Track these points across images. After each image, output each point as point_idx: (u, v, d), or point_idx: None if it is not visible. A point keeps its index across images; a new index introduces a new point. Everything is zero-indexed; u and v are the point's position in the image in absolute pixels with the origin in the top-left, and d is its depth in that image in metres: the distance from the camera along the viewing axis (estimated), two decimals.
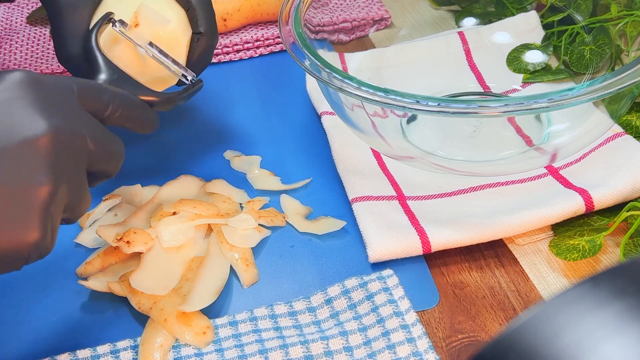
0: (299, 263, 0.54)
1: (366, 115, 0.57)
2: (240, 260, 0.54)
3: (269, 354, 0.46)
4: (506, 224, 0.53)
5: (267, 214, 0.57)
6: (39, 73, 0.44)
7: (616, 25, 0.65)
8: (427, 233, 0.53)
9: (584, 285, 0.23)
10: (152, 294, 0.50)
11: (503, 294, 0.51)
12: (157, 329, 0.49)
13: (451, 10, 0.81)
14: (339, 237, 0.56)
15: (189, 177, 0.61)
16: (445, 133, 0.63)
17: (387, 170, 0.61)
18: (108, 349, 0.48)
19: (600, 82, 0.46)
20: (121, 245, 0.53)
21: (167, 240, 0.53)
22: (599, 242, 0.51)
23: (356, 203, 0.56)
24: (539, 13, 0.73)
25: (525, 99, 0.46)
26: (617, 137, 0.58)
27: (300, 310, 0.50)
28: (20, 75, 0.42)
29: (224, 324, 0.49)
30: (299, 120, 0.70)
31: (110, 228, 0.54)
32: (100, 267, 0.54)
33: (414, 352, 0.46)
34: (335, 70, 0.51)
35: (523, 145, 0.60)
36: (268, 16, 0.83)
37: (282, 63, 0.79)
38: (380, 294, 0.49)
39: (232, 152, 0.65)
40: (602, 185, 0.54)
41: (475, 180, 0.58)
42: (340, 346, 0.47)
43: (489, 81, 0.70)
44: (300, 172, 0.63)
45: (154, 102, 0.52)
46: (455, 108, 0.47)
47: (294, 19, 0.58)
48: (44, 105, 0.41)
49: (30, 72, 0.43)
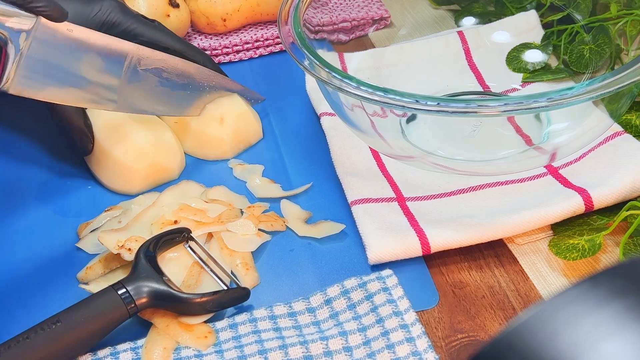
0: (298, 266, 0.54)
1: (366, 115, 0.57)
2: (241, 264, 0.54)
3: (269, 355, 0.46)
4: (506, 224, 0.53)
5: (267, 218, 0.57)
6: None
7: (616, 25, 0.65)
8: (426, 234, 0.53)
9: (584, 284, 0.23)
10: None
11: (502, 293, 0.51)
12: (160, 333, 0.49)
13: (451, 10, 0.81)
14: (339, 240, 0.56)
15: (190, 182, 0.61)
16: (444, 132, 0.63)
17: (387, 171, 0.61)
18: (108, 351, 0.48)
19: (600, 81, 0.46)
20: (122, 252, 0.53)
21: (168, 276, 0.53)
22: (598, 241, 0.51)
23: (355, 205, 0.56)
24: (538, 12, 0.73)
25: (525, 98, 0.46)
26: (617, 136, 0.58)
27: (299, 311, 0.50)
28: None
29: (224, 327, 0.49)
30: (299, 121, 0.70)
31: (112, 234, 0.54)
32: (101, 272, 0.54)
33: (414, 352, 0.46)
34: (334, 70, 0.51)
35: (523, 144, 0.60)
36: (268, 16, 0.83)
37: (281, 63, 0.79)
38: (380, 294, 0.49)
39: (235, 161, 0.65)
40: (602, 185, 0.54)
41: (474, 179, 0.58)
42: (340, 346, 0.47)
43: (488, 80, 0.70)
44: (301, 177, 0.63)
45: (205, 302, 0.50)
46: (455, 107, 0.47)
47: (293, 19, 0.58)
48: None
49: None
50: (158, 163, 0.62)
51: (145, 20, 0.64)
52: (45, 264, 0.57)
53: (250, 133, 0.67)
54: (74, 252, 0.57)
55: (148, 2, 0.75)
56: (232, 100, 0.66)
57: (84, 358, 0.48)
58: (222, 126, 0.64)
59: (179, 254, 0.54)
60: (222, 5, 0.80)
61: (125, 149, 0.61)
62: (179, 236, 0.54)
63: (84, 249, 0.57)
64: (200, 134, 0.65)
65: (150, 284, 0.49)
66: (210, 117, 0.65)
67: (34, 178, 0.65)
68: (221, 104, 0.65)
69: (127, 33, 0.62)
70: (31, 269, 0.56)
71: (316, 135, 0.67)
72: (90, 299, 0.48)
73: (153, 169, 0.61)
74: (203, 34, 0.82)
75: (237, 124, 0.65)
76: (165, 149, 0.63)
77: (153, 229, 0.55)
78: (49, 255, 0.57)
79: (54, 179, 0.65)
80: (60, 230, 0.60)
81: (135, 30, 0.63)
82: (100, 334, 0.47)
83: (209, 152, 0.65)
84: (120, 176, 0.62)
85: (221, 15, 0.80)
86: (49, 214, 0.61)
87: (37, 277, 0.56)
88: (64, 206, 0.62)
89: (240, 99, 0.67)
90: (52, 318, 0.47)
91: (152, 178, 0.62)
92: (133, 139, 0.61)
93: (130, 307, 0.48)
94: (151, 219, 0.56)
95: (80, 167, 0.65)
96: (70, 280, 0.54)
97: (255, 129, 0.67)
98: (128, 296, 0.48)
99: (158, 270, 0.50)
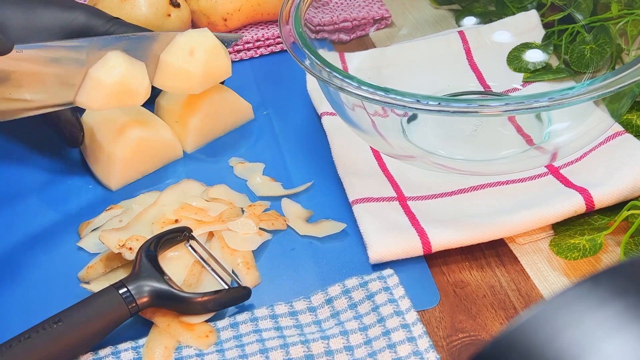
0: (299, 265, 0.54)
1: (366, 115, 0.57)
2: (242, 263, 0.54)
3: (270, 354, 0.46)
4: (507, 224, 0.53)
5: (268, 217, 0.57)
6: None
7: (617, 24, 0.65)
8: (427, 234, 0.53)
9: (585, 284, 0.23)
10: None
11: (504, 293, 0.51)
12: (161, 333, 0.49)
13: (451, 10, 0.81)
14: (340, 239, 0.56)
15: (190, 181, 0.61)
16: (445, 132, 0.63)
17: (388, 171, 0.61)
18: (109, 351, 0.48)
19: (601, 81, 0.46)
20: (123, 251, 0.53)
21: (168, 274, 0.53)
22: (599, 241, 0.51)
23: (356, 205, 0.56)
24: (539, 12, 0.73)
25: (526, 98, 0.46)
26: (618, 136, 0.58)
27: (300, 310, 0.50)
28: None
29: (225, 326, 0.49)
30: (300, 121, 0.70)
31: (113, 234, 0.54)
32: (102, 272, 0.54)
33: (415, 352, 0.46)
34: (335, 70, 0.51)
35: (523, 144, 0.60)
36: (269, 16, 0.83)
37: (282, 63, 0.79)
38: (381, 294, 0.49)
39: (236, 159, 0.65)
40: (603, 184, 0.54)
41: (475, 179, 0.58)
42: (341, 345, 0.47)
43: (489, 80, 0.70)
44: (302, 176, 0.63)
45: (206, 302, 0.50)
46: (456, 107, 0.47)
47: (294, 19, 0.58)
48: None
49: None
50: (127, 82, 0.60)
51: (125, 22, 0.64)
52: (46, 263, 0.57)
53: (220, 68, 0.64)
54: (75, 251, 0.57)
55: (149, 2, 0.75)
56: (203, 34, 0.64)
57: (85, 357, 0.48)
58: (192, 59, 0.62)
59: (179, 253, 0.54)
60: (223, 5, 0.80)
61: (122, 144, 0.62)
62: (180, 235, 0.54)
63: (85, 248, 0.57)
64: (169, 66, 0.62)
65: (151, 283, 0.49)
66: (180, 49, 0.62)
67: (35, 178, 0.65)
68: (192, 36, 0.63)
69: (108, 35, 0.62)
70: (32, 268, 0.56)
71: (317, 135, 0.67)
72: (91, 298, 0.48)
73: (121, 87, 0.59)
74: None
75: (208, 58, 0.63)
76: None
77: (154, 228, 0.55)
78: (49, 255, 0.57)
79: (54, 179, 0.65)
80: (61, 230, 0.60)
81: (115, 32, 0.63)
82: (101, 334, 0.48)
83: (178, 85, 0.63)
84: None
85: (222, 15, 0.80)
86: (50, 214, 0.61)
87: (38, 276, 0.56)
88: (65, 205, 0.62)
89: (211, 34, 0.64)
90: (53, 317, 0.47)
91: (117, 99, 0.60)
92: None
93: (131, 307, 0.48)
94: (152, 218, 0.56)
95: (80, 167, 0.65)
96: (71, 279, 0.54)
97: (225, 66, 0.65)
98: (129, 295, 0.48)
99: (159, 269, 0.50)
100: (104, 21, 0.63)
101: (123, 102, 0.60)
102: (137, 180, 0.64)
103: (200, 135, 0.67)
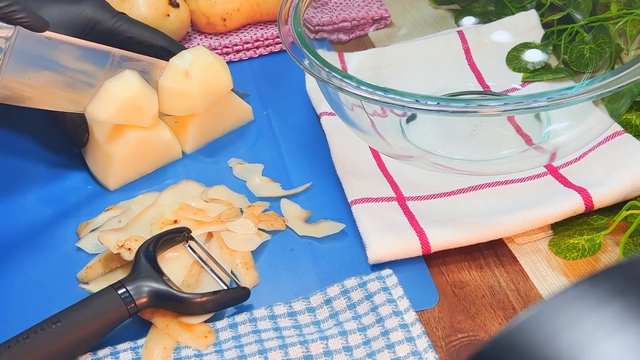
0: (298, 266, 0.54)
1: (366, 115, 0.57)
2: (241, 264, 0.54)
3: (269, 354, 0.46)
4: (506, 224, 0.53)
5: (267, 218, 0.57)
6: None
7: (616, 24, 0.65)
8: (426, 234, 0.53)
9: (583, 284, 0.23)
10: None
11: (503, 293, 0.51)
12: (160, 333, 0.49)
13: (451, 10, 0.81)
14: (339, 239, 0.56)
15: (190, 182, 0.61)
16: (444, 132, 0.63)
17: (387, 171, 0.61)
18: (108, 351, 0.48)
19: (600, 80, 0.46)
20: (122, 252, 0.53)
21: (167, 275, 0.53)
22: (598, 241, 0.51)
23: (355, 205, 0.56)
24: (538, 12, 0.73)
25: (525, 98, 0.46)
26: (617, 135, 0.58)
27: (299, 311, 0.50)
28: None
29: (224, 326, 0.49)
30: (299, 120, 0.70)
31: (112, 234, 0.54)
32: (101, 272, 0.54)
33: (414, 352, 0.46)
34: (334, 70, 0.51)
35: (523, 144, 0.60)
36: (268, 16, 0.83)
37: (281, 63, 0.79)
38: (380, 294, 0.49)
39: (235, 160, 0.65)
40: (602, 184, 0.54)
41: (474, 179, 0.58)
42: (340, 346, 0.47)
43: (488, 80, 0.70)
44: (301, 176, 0.63)
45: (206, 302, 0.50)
46: (455, 107, 0.47)
47: (293, 19, 0.58)
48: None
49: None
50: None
51: (130, 18, 0.65)
52: (45, 263, 0.57)
53: (219, 84, 0.65)
54: (74, 251, 0.57)
55: (148, 2, 0.75)
56: (197, 53, 0.64)
57: (84, 358, 0.48)
58: (188, 80, 0.63)
59: (178, 253, 0.54)
60: (222, 5, 0.80)
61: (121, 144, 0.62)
62: (179, 236, 0.54)
63: (84, 248, 0.57)
64: (166, 90, 0.63)
65: (150, 284, 0.49)
66: (175, 72, 0.63)
67: (35, 178, 0.65)
68: (185, 58, 0.64)
69: (113, 30, 0.63)
70: (31, 269, 0.56)
71: (316, 135, 0.67)
72: (90, 298, 0.48)
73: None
74: (203, 34, 0.82)
75: (204, 76, 0.63)
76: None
77: (153, 229, 0.55)
78: (49, 255, 0.57)
79: (54, 179, 0.65)
80: (60, 230, 0.60)
81: (120, 27, 0.63)
82: (100, 334, 0.47)
83: (179, 107, 0.64)
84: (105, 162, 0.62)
85: (221, 15, 0.80)
86: (49, 214, 0.61)
87: (37, 276, 0.56)
88: (64, 206, 0.62)
89: (206, 52, 0.65)
90: (52, 318, 0.47)
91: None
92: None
93: (130, 307, 0.48)
94: (151, 219, 0.56)
95: (80, 167, 0.65)
96: (70, 280, 0.54)
97: (224, 80, 0.65)
98: (128, 296, 0.48)
99: (158, 270, 0.50)
100: (110, 15, 0.64)
101: (131, 119, 0.61)
102: (136, 181, 0.64)
103: (199, 135, 0.67)
